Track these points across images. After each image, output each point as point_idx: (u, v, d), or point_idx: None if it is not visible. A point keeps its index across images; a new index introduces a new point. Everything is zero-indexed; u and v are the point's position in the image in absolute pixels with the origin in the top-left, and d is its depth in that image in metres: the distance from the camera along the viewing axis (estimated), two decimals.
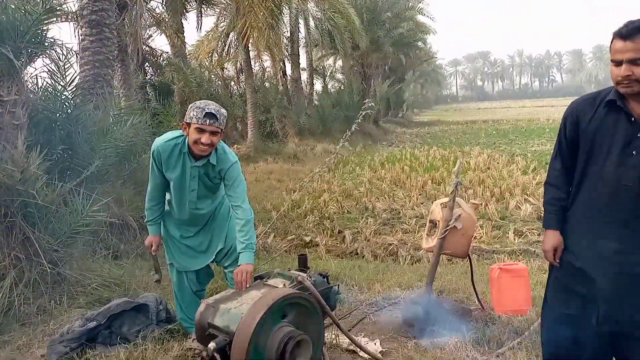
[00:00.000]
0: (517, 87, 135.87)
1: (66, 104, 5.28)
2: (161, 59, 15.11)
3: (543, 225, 2.32)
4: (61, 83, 5.24)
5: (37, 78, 5.22)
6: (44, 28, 4.75)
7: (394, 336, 3.26)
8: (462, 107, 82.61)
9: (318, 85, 28.53)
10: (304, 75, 24.38)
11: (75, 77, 5.56)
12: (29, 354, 3.08)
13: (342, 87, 27.53)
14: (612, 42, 2.01)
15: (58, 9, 5.39)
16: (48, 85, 5.23)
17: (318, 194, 9.76)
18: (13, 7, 4.47)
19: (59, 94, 5.22)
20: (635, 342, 2.02)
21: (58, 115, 5.12)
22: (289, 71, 21.94)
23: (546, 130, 23.96)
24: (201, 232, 3.22)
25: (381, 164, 14.26)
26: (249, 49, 16.87)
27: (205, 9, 15.47)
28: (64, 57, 5.26)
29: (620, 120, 2.04)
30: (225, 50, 20.19)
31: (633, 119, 2.01)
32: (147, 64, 14.73)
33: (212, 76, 17.43)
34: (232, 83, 21.09)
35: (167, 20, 13.89)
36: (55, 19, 5.31)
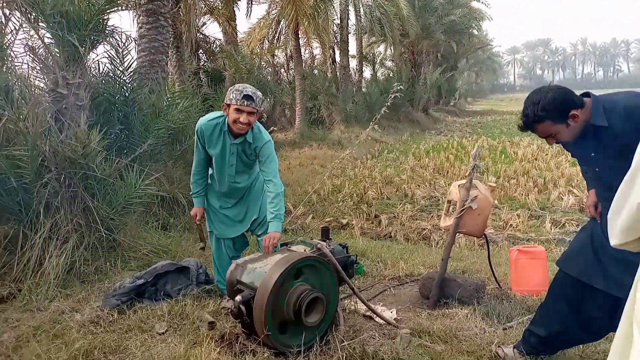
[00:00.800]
0: (579, 77, 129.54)
1: (124, 87, 5.74)
2: (214, 46, 15.63)
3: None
4: (120, 68, 5.69)
5: (98, 63, 5.71)
6: (106, 17, 5.20)
7: (410, 307, 3.50)
8: (518, 96, 79.57)
9: (367, 73, 28.54)
10: (354, 63, 24.48)
11: (132, 63, 6.01)
12: (87, 305, 3.52)
13: (390, 75, 27.41)
14: None
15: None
16: (108, 70, 5.71)
17: (359, 179, 9.98)
18: None
19: (118, 78, 5.69)
20: None
21: (117, 97, 5.59)
22: (337, 58, 22.11)
23: None
24: (238, 204, 3.57)
25: (426, 152, 14.27)
26: (299, 36, 17.18)
27: None
28: (122, 44, 5.74)
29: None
30: (276, 37, 20.60)
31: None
32: (200, 50, 15.29)
33: (263, 63, 17.86)
34: (282, 70, 21.50)
35: (220, 8, 14.37)
36: (116, 9, 5.78)
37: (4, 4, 4.64)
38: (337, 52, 22.23)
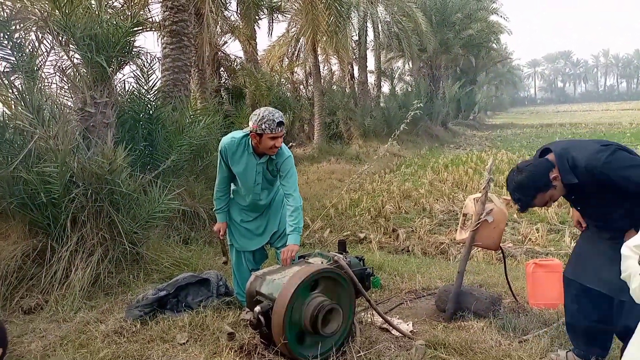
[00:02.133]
0: (601, 89, 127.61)
1: (148, 105, 5.94)
2: (235, 64, 15.94)
3: None
4: (145, 87, 5.91)
5: (124, 83, 5.94)
6: (132, 39, 5.42)
7: (426, 320, 3.52)
8: (539, 109, 79.00)
9: (386, 88, 28.70)
10: (372, 78, 24.68)
11: (156, 82, 6.23)
12: (111, 316, 3.64)
13: (409, 89, 27.51)
14: None
15: (144, 22, 6.11)
16: (134, 89, 5.92)
17: (377, 193, 10.02)
18: (107, 20, 5.16)
19: (142, 97, 5.90)
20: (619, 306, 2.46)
21: (141, 115, 5.79)
22: (356, 74, 22.31)
23: (627, 135, 22.61)
24: (259, 218, 3.68)
25: (445, 166, 14.23)
26: (318, 53, 17.43)
27: (277, 15, 16.19)
28: (147, 64, 5.95)
29: None
30: (295, 54, 20.91)
31: None
32: (221, 68, 15.60)
33: (282, 80, 18.13)
34: (301, 86, 21.77)
35: (241, 27, 14.69)
36: (141, 30, 6.02)
37: (37, 28, 4.89)
38: (356, 68, 22.47)
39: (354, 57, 21.72)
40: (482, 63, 37.84)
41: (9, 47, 4.57)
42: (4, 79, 4.49)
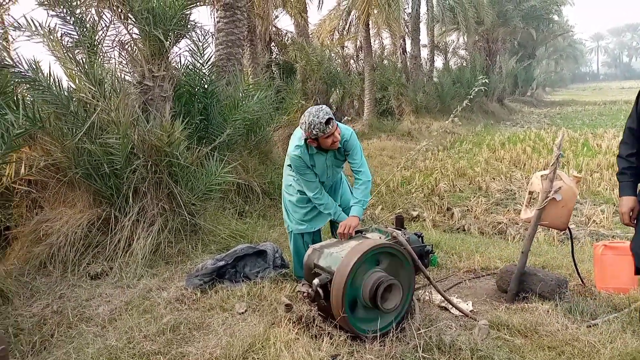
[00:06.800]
0: None
1: (203, 79, 5.98)
2: (286, 38, 15.83)
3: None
4: (200, 61, 5.94)
5: (180, 57, 5.98)
6: (188, 12, 5.44)
7: (487, 300, 3.42)
8: (602, 86, 74.60)
9: (439, 62, 27.83)
10: (425, 52, 23.94)
11: (211, 56, 6.25)
12: (172, 284, 3.75)
13: (464, 64, 26.56)
14: None
15: None
16: (189, 63, 5.97)
17: (430, 171, 9.80)
18: None
19: (198, 71, 5.94)
20: None
21: (197, 89, 5.83)
22: (408, 48, 21.71)
23: None
24: None
25: (501, 144, 13.73)
26: (369, 26, 17.04)
27: None
28: (202, 38, 5.96)
29: None
30: (346, 28, 20.56)
31: None
32: (273, 43, 15.55)
33: (333, 55, 17.88)
34: (352, 61, 21.44)
35: (292, 1, 14.54)
36: (197, 3, 6.03)
37: (97, 2, 4.98)
38: (408, 42, 21.83)
39: (406, 30, 21.13)
40: (542, 36, 35.94)
41: (72, 22, 4.69)
42: (68, 53, 4.62)
